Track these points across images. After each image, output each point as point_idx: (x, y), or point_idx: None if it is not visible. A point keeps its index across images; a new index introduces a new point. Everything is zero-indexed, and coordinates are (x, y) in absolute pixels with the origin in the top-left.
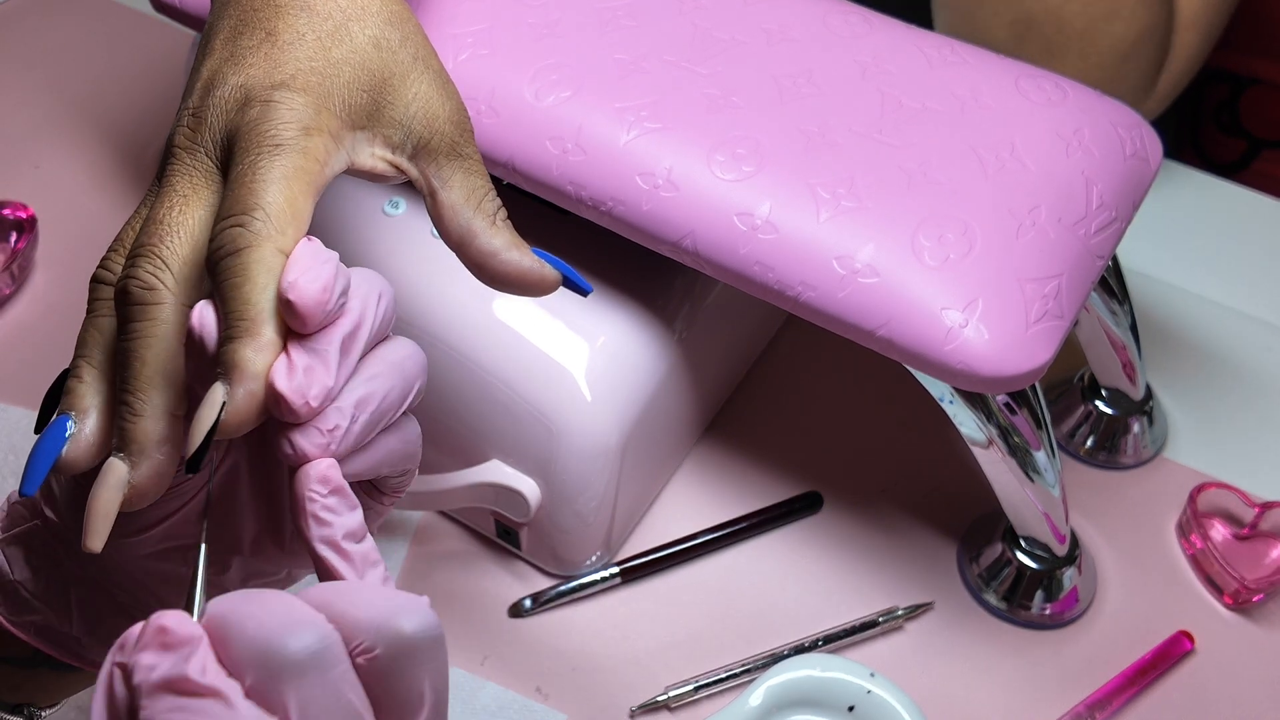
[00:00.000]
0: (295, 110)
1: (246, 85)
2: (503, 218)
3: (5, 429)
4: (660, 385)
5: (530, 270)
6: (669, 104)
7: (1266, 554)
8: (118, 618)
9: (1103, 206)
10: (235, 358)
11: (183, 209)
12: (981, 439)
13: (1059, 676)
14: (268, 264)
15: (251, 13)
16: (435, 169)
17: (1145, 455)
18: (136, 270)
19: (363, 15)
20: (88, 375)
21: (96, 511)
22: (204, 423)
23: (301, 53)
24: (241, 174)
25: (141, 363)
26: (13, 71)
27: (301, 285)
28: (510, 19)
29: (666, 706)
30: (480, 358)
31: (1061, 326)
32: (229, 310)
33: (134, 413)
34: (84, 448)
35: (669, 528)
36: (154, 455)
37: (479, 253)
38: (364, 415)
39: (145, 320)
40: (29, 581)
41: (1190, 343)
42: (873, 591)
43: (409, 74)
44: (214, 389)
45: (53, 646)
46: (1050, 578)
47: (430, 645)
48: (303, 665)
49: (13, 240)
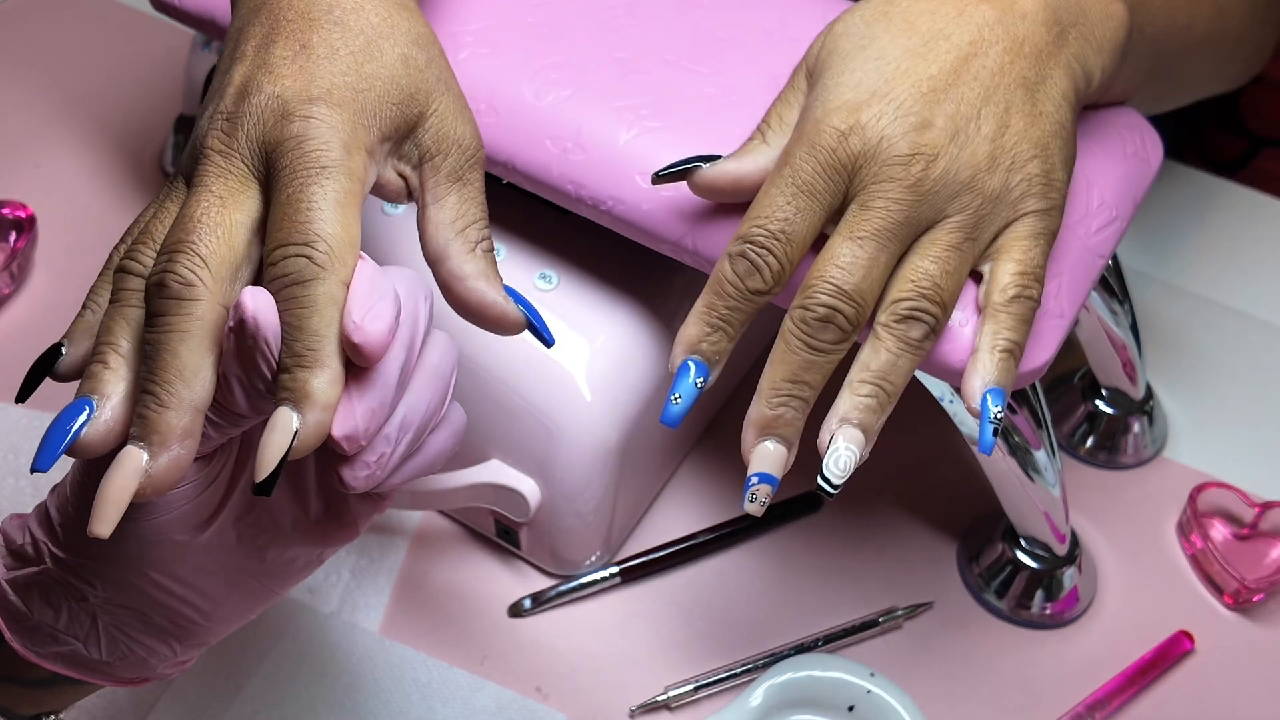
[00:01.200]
0: (336, 128)
1: (283, 96)
2: (484, 249)
3: (4, 429)
4: (660, 385)
5: (493, 304)
6: (669, 103)
7: (1267, 554)
8: (150, 637)
9: (1103, 206)
10: (308, 388)
11: (220, 210)
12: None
13: (1059, 676)
14: (333, 296)
15: (284, 22)
16: (434, 184)
17: (1145, 455)
18: (175, 265)
19: (393, 33)
20: (114, 362)
21: (109, 498)
22: (277, 448)
23: (336, 67)
24: (293, 197)
25: (173, 355)
26: (12, 71)
27: (367, 329)
28: (510, 18)
29: (666, 706)
30: (480, 358)
31: (1062, 326)
32: (296, 339)
33: (160, 403)
34: (103, 432)
35: (669, 528)
36: (175, 448)
37: (449, 274)
38: (408, 435)
39: (180, 315)
40: (52, 619)
41: (1191, 342)
42: (873, 591)
43: (433, 93)
44: (282, 414)
45: (80, 671)
46: (1050, 577)
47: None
48: None
49: (12, 240)
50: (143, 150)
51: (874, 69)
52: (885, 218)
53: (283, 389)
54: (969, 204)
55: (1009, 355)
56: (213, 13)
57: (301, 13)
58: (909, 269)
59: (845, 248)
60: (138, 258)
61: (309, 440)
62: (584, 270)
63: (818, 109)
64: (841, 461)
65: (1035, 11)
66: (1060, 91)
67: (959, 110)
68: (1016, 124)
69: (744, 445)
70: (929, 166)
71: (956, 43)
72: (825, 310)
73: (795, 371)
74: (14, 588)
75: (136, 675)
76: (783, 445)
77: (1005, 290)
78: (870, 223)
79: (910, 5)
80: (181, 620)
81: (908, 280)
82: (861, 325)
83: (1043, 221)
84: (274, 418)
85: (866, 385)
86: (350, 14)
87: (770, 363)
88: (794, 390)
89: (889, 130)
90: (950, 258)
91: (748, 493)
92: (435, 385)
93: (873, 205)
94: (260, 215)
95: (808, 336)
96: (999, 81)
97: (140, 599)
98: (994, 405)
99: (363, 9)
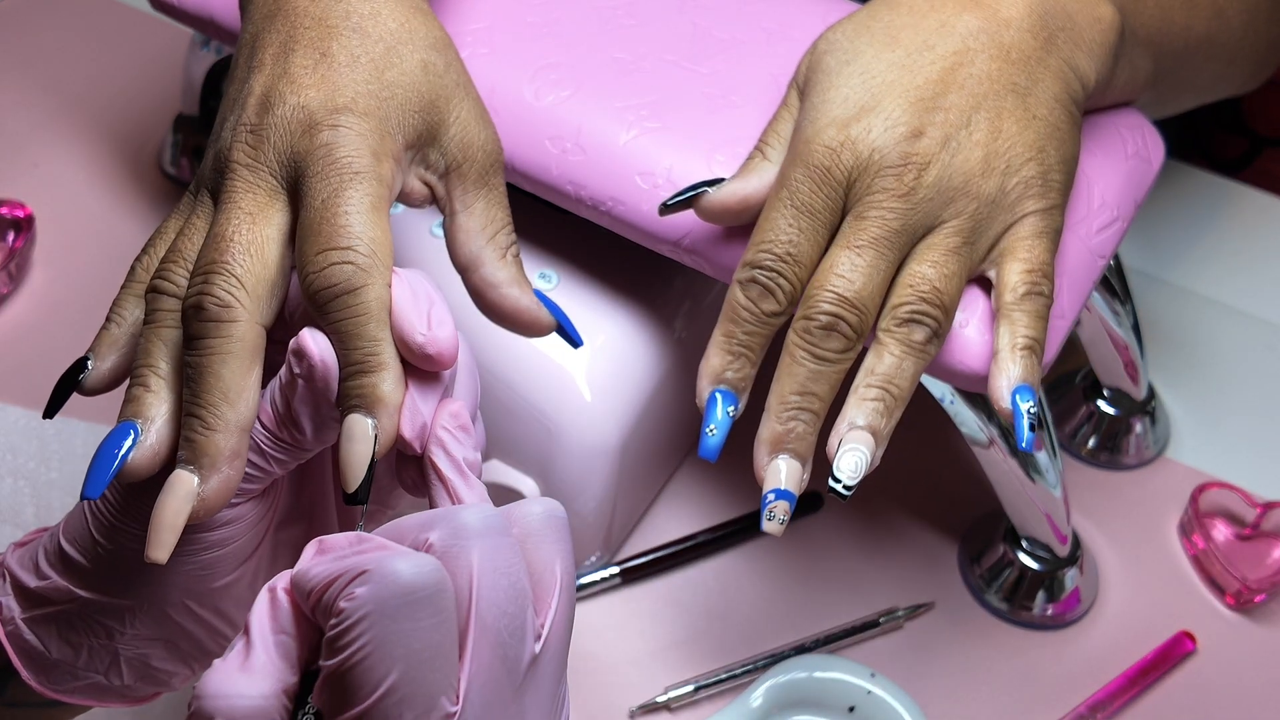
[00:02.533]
0: (365, 135)
1: (308, 107)
2: (514, 254)
3: (3, 428)
4: (660, 385)
5: (526, 309)
6: (669, 103)
7: (1268, 554)
8: (174, 663)
9: (1104, 206)
10: (378, 392)
11: (251, 227)
12: (983, 439)
13: (1060, 677)
14: (383, 300)
15: (301, 29)
16: (461, 192)
17: (1147, 455)
18: (211, 287)
19: (411, 39)
20: (155, 384)
21: (164, 523)
22: (363, 456)
23: (358, 75)
24: (328, 203)
25: (216, 378)
26: (12, 70)
27: (439, 336)
28: (510, 18)
29: (666, 706)
30: (480, 358)
31: (1063, 326)
32: (355, 346)
33: (207, 426)
34: (149, 456)
35: (669, 528)
36: (224, 469)
37: (482, 281)
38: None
39: (220, 337)
40: (71, 658)
41: (1193, 342)
42: (873, 591)
43: (453, 98)
44: (355, 422)
45: (98, 699)
46: (1052, 578)
47: (559, 526)
48: (482, 530)
49: (10, 239)
50: (142, 150)
51: (860, 83)
52: (881, 226)
53: (351, 397)
54: (965, 209)
55: (1030, 352)
56: (211, 12)
57: (319, 19)
58: (907, 274)
59: (844, 257)
60: (170, 277)
61: (387, 442)
62: (584, 270)
63: (808, 128)
64: (851, 462)
65: (1021, 19)
66: (1052, 94)
67: (949, 118)
68: (1009, 128)
69: (756, 464)
70: (921, 174)
71: (942, 53)
72: (828, 319)
73: (803, 383)
74: (30, 625)
75: (151, 693)
76: (796, 461)
77: (1015, 289)
78: (867, 232)
79: (892, 19)
80: (210, 648)
81: (906, 285)
82: (865, 333)
83: (1044, 220)
84: (348, 427)
85: (873, 389)
86: (368, 20)
87: (777, 379)
88: (803, 403)
89: (879, 142)
90: (948, 262)
91: (765, 510)
92: (472, 380)
93: (868, 215)
94: (290, 227)
95: (813, 346)
96: (989, 88)
97: (174, 631)
98: (1024, 402)
99: (380, 14)
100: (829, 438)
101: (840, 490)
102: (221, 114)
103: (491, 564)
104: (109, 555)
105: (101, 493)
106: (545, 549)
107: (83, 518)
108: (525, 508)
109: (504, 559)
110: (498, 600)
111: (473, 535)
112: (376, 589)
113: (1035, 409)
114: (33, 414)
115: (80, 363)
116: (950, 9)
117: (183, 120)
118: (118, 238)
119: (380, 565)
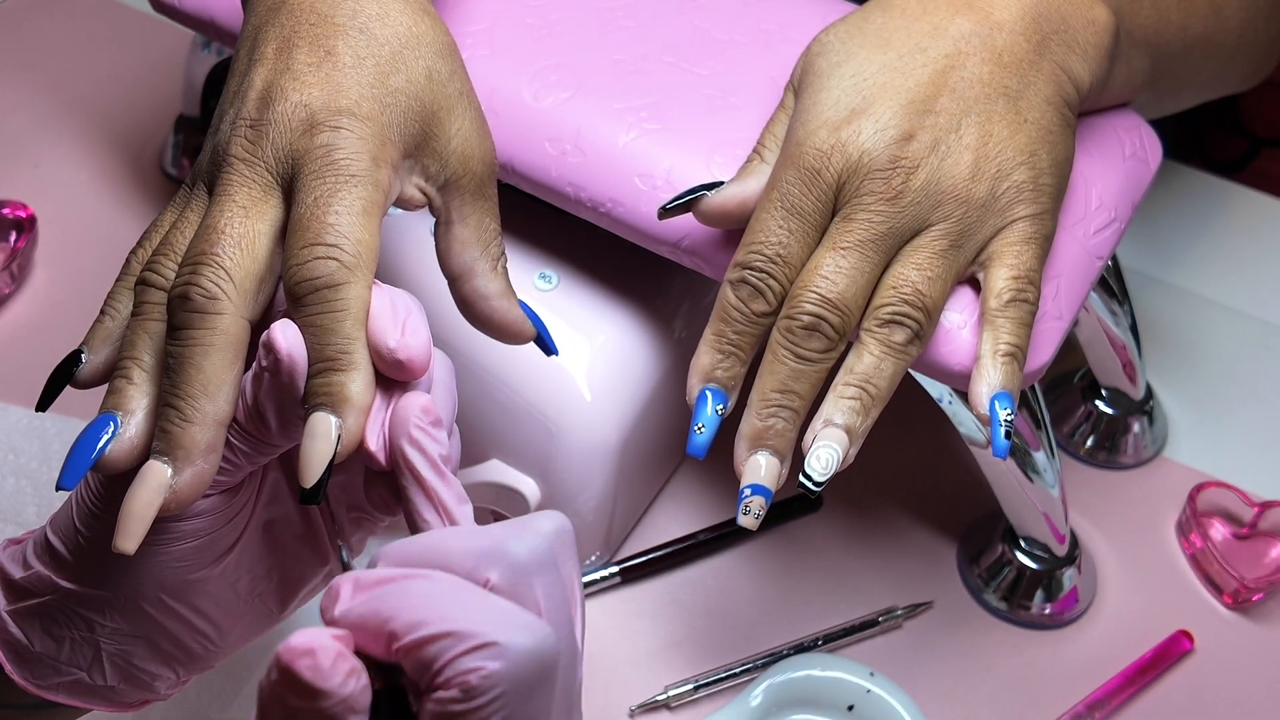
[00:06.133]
0: (365, 140)
1: (310, 105)
2: (503, 265)
3: (4, 428)
4: (660, 385)
5: (514, 321)
6: (668, 105)
7: (1266, 553)
8: (156, 663)
9: (1101, 207)
10: (345, 391)
11: (244, 220)
12: (981, 439)
13: (1059, 676)
14: (363, 300)
15: (306, 25)
16: (458, 203)
17: (1145, 455)
18: (198, 278)
19: (417, 44)
20: (138, 377)
21: (133, 514)
22: (323, 455)
23: (363, 78)
24: (320, 201)
25: (197, 369)
26: (13, 71)
27: (411, 344)
28: (510, 19)
29: (666, 706)
30: (480, 358)
31: (1061, 327)
32: (328, 343)
33: (184, 418)
34: (127, 448)
35: (669, 528)
36: (198, 462)
37: (474, 291)
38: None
39: (204, 329)
40: (54, 651)
41: (1190, 342)
42: (872, 591)
43: (455, 108)
44: (319, 420)
45: (83, 699)
46: (1050, 578)
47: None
48: (539, 566)
49: (12, 239)
50: (142, 150)
51: (851, 86)
52: (867, 229)
53: (318, 394)
54: (952, 212)
55: (1011, 359)
56: (212, 13)
57: (324, 16)
58: (892, 276)
59: (829, 258)
60: (159, 270)
61: (350, 444)
62: (584, 270)
63: (800, 129)
64: (823, 458)
65: (1013, 22)
66: (1044, 98)
67: (939, 122)
68: (1000, 132)
69: (736, 459)
70: (909, 178)
71: (933, 55)
72: (811, 319)
73: (784, 381)
74: (14, 618)
75: (139, 698)
76: (775, 457)
77: (1000, 295)
78: (853, 234)
79: (885, 22)
80: (190, 647)
81: (889, 287)
82: (848, 334)
83: (1034, 226)
84: (311, 424)
85: (850, 388)
86: (375, 21)
87: (760, 375)
88: (783, 400)
89: (869, 144)
90: (933, 264)
91: (741, 505)
92: (450, 399)
93: (855, 217)
94: (282, 223)
95: (795, 346)
96: (980, 92)
97: (151, 627)
98: (1002, 409)
99: (388, 16)
100: (804, 435)
101: (810, 486)
102: (221, 107)
103: (553, 601)
104: (88, 544)
105: (76, 484)
106: (565, 567)
107: (68, 507)
108: (539, 526)
109: (558, 591)
110: (563, 638)
111: (533, 573)
112: (512, 668)
113: (1012, 416)
114: (34, 414)
115: (74, 355)
116: (943, 12)
117: (184, 121)
118: (119, 238)
119: (510, 640)
